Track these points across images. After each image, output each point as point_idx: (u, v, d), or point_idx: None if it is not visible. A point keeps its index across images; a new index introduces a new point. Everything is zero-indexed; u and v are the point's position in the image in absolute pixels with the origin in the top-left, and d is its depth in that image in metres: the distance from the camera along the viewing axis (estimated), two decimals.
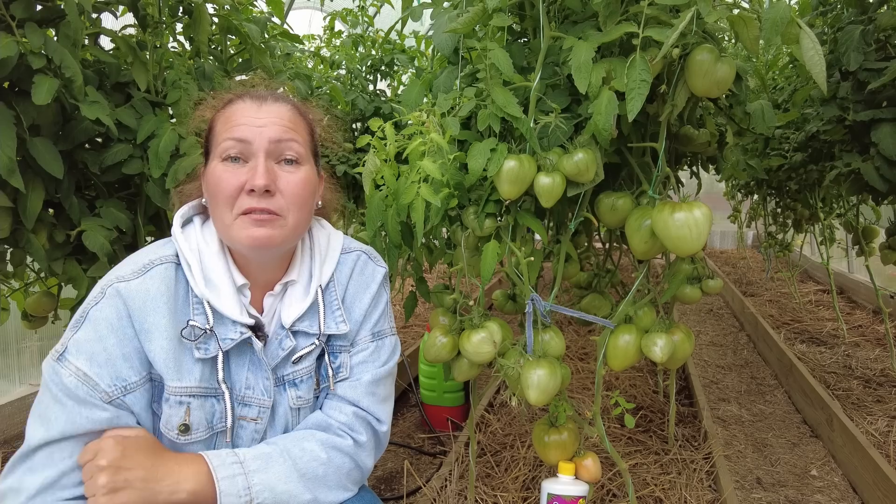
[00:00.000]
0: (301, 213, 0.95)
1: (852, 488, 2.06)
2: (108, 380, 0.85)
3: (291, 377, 1.01)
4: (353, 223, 3.16)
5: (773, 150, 2.95)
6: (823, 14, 2.28)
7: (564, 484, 1.36)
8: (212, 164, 0.94)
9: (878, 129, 1.94)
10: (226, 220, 0.92)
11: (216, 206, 0.93)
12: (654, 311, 1.43)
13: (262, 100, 0.96)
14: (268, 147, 0.92)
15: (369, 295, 1.07)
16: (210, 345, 0.92)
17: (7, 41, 1.25)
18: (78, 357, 0.85)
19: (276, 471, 0.92)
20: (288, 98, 1.01)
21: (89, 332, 0.86)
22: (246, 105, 0.95)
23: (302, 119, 1.00)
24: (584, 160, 1.21)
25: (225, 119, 0.95)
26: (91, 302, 0.88)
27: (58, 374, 0.84)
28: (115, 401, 0.86)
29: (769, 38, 1.08)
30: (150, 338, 0.88)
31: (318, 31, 3.61)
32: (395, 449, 2.33)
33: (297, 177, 0.94)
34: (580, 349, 3.37)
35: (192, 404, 0.91)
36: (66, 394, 0.84)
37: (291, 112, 0.98)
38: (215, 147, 0.95)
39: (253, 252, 0.94)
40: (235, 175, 0.91)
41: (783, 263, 5.94)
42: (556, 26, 1.32)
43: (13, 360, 2.41)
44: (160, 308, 0.89)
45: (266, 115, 0.94)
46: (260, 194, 0.90)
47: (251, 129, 0.92)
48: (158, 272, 0.91)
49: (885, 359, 3.17)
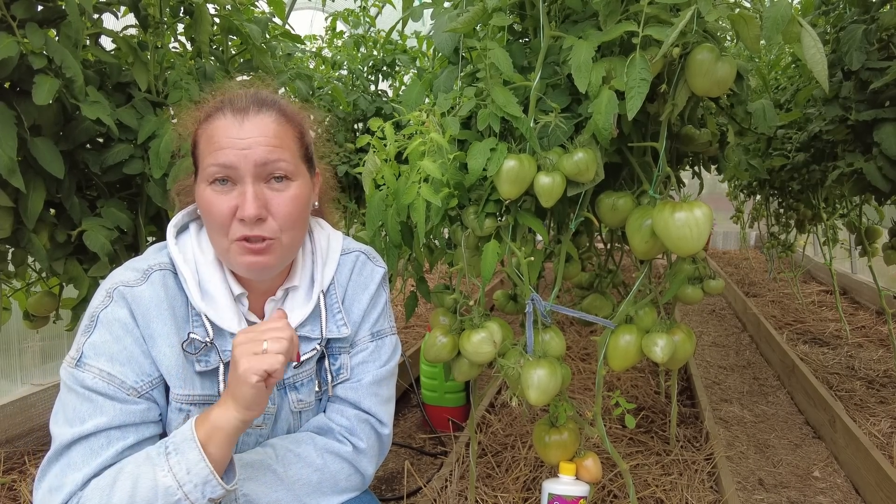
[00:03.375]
0: (295, 230, 0.94)
1: (855, 490, 2.05)
2: (133, 376, 0.85)
3: (292, 381, 1.00)
4: (355, 223, 3.16)
5: (776, 150, 2.94)
6: (826, 13, 2.28)
7: (565, 484, 1.36)
8: (201, 185, 0.91)
9: (881, 128, 1.93)
10: (222, 244, 0.91)
11: (210, 228, 0.92)
12: (656, 311, 1.43)
13: (244, 113, 0.90)
14: (254, 171, 0.88)
15: (368, 295, 1.07)
16: (211, 357, 0.92)
17: (8, 41, 1.26)
18: (98, 359, 0.84)
19: (263, 480, 0.92)
20: (272, 102, 0.94)
21: (104, 334, 0.86)
22: (227, 122, 0.89)
23: (289, 126, 0.94)
24: (584, 160, 1.21)
25: (207, 138, 0.91)
26: (99, 306, 0.88)
27: (80, 378, 0.84)
28: (144, 395, 0.86)
29: (770, 36, 1.07)
30: (155, 343, 0.88)
31: (320, 32, 3.61)
32: (395, 449, 2.33)
33: (287, 195, 0.91)
34: (582, 349, 3.36)
35: (193, 412, 0.90)
36: (94, 393, 0.83)
37: (276, 122, 0.92)
38: (201, 169, 0.92)
39: (251, 274, 0.93)
40: (225, 200, 0.88)
41: (786, 264, 5.93)
42: (556, 25, 1.32)
43: (15, 359, 2.41)
44: (163, 314, 0.89)
45: (249, 134, 0.88)
46: (251, 223, 0.88)
47: (235, 153, 0.87)
48: (157, 278, 0.91)
49: (888, 360, 3.15)
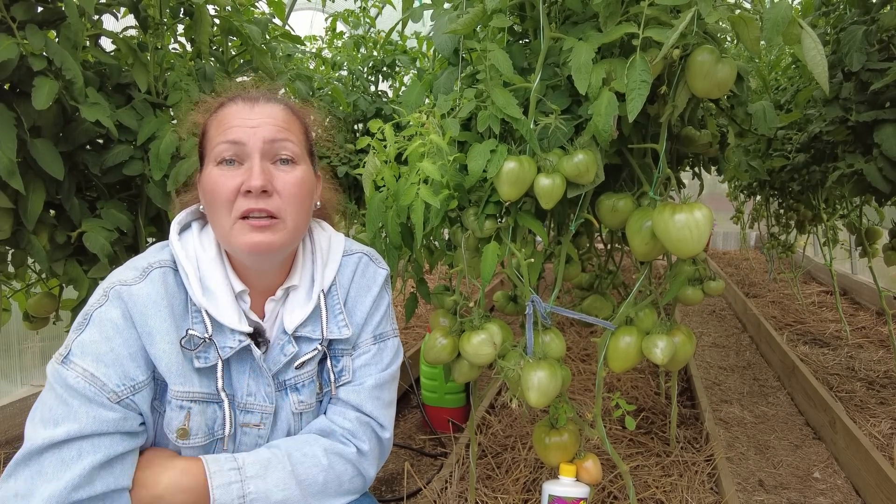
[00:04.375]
0: (299, 213, 0.95)
1: (855, 491, 2.05)
2: (116, 379, 0.85)
3: (293, 382, 1.00)
4: (355, 224, 3.16)
5: (776, 150, 2.94)
6: (826, 14, 2.28)
7: (565, 485, 1.36)
8: (207, 169, 0.94)
9: (881, 129, 1.93)
10: (224, 225, 0.91)
11: (214, 210, 0.93)
12: (656, 312, 1.43)
13: (254, 101, 0.95)
14: (262, 147, 0.91)
15: (371, 297, 1.06)
16: (210, 353, 0.92)
17: (8, 43, 1.26)
18: (84, 358, 0.84)
19: (274, 478, 0.92)
20: (280, 98, 1.00)
21: (94, 333, 0.86)
22: (238, 107, 0.95)
23: (296, 119, 0.99)
24: (584, 161, 1.21)
25: (217, 122, 0.95)
26: (94, 305, 0.88)
27: (63, 376, 0.84)
28: (123, 400, 0.85)
29: (770, 38, 1.07)
30: (153, 341, 0.87)
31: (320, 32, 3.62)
32: (395, 450, 2.33)
33: (293, 176, 0.94)
34: (582, 350, 3.36)
35: (193, 409, 0.90)
36: (72, 395, 0.83)
37: (284, 112, 0.97)
38: (209, 151, 0.94)
39: (253, 258, 0.93)
40: (231, 178, 0.90)
41: (786, 265, 5.93)
42: (556, 27, 1.32)
43: (15, 360, 2.41)
44: (161, 311, 0.88)
45: (259, 116, 0.93)
46: (257, 195, 0.89)
47: (244, 131, 0.91)
48: (157, 276, 0.91)
49: (888, 360, 3.15)
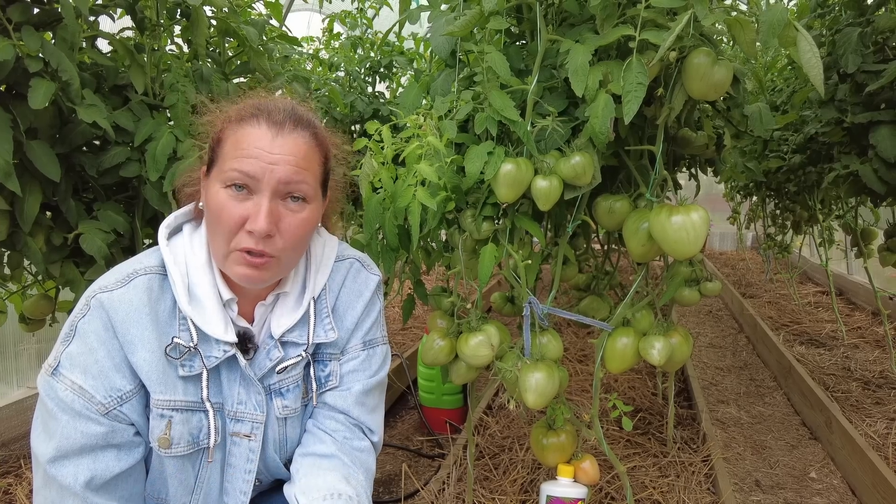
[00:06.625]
0: (298, 251, 0.94)
1: (851, 491, 2.06)
2: (103, 391, 0.84)
3: (278, 386, 0.99)
4: (352, 224, 3.16)
5: (772, 151, 2.95)
6: (822, 16, 2.29)
7: (563, 486, 1.36)
8: (215, 186, 0.90)
9: (877, 131, 1.94)
10: (220, 249, 0.90)
11: (214, 230, 0.90)
12: (653, 313, 1.43)
13: (279, 127, 0.89)
14: (276, 187, 0.88)
15: (362, 303, 1.06)
16: (195, 362, 0.91)
17: (4, 44, 1.25)
18: (73, 370, 0.84)
19: None
20: (307, 122, 0.93)
21: (80, 345, 0.85)
22: (260, 132, 0.88)
23: (318, 148, 0.94)
24: (581, 163, 1.21)
25: (236, 141, 0.89)
26: (78, 315, 0.87)
27: (53, 388, 0.84)
28: (111, 412, 0.85)
29: (766, 40, 1.08)
30: (134, 350, 0.86)
31: (317, 34, 3.61)
32: (393, 451, 2.33)
33: (300, 217, 0.91)
34: (579, 351, 3.36)
35: (175, 418, 0.89)
36: (62, 408, 0.83)
37: (308, 144, 0.91)
38: (221, 165, 0.90)
39: (242, 284, 0.93)
40: (238, 207, 0.87)
41: (782, 265, 5.94)
42: (553, 29, 1.32)
43: (11, 362, 2.40)
44: (142, 319, 0.87)
45: (279, 150, 0.88)
46: (259, 237, 0.87)
47: (261, 166, 0.87)
48: (141, 282, 0.89)
49: (884, 360, 3.17)
